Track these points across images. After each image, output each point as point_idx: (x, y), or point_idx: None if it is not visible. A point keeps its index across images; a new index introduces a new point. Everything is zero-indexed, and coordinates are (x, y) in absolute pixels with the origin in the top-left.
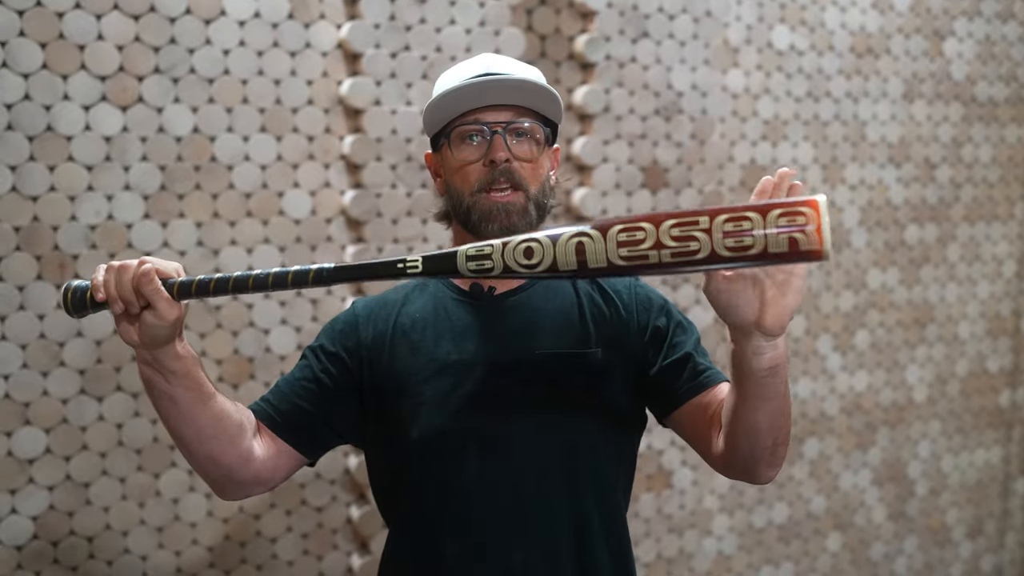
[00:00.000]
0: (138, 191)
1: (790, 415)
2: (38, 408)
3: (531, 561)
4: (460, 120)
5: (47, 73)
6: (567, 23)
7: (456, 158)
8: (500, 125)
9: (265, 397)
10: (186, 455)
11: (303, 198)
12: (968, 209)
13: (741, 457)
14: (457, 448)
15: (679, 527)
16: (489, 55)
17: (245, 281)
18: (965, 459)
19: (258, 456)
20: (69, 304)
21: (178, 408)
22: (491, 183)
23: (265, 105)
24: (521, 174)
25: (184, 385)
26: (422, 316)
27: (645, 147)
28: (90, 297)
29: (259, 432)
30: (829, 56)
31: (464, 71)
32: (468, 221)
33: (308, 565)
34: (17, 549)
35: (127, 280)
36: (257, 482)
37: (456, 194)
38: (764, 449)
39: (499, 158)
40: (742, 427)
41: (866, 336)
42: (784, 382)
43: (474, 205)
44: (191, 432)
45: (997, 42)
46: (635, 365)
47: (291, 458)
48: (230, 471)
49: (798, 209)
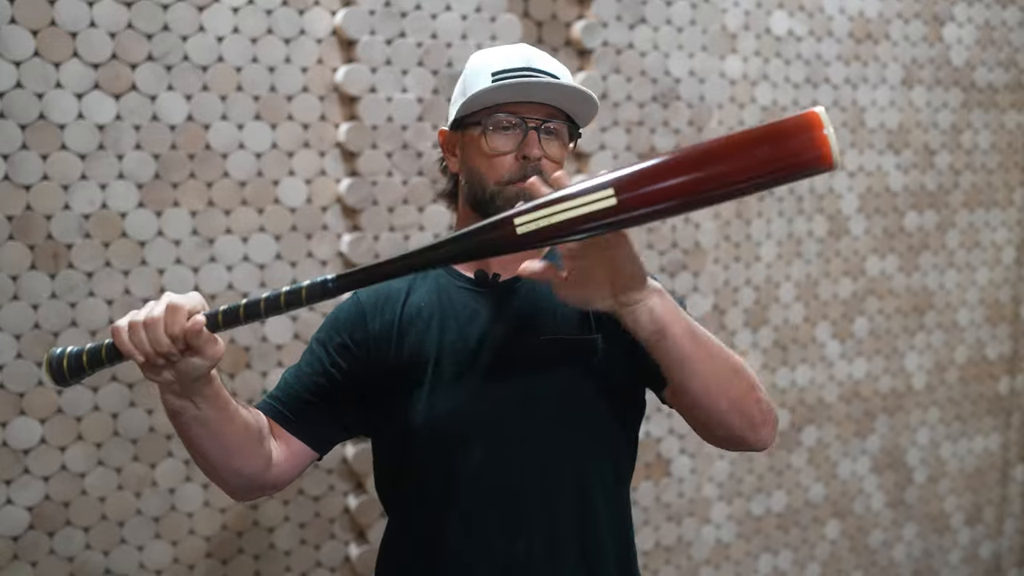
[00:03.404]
0: (132, 180)
1: (735, 372)
2: (33, 398)
3: (534, 551)
4: (498, 109)
5: (39, 61)
6: (564, 9)
7: (489, 146)
8: (536, 122)
9: (273, 394)
10: (208, 469)
11: (298, 186)
12: (967, 195)
13: (706, 426)
14: (461, 436)
15: (677, 515)
16: (528, 47)
17: (276, 300)
18: (964, 446)
19: (276, 459)
20: (65, 372)
21: (207, 429)
22: (521, 177)
23: (260, 93)
24: (548, 171)
25: (215, 406)
26: (427, 304)
27: (643, 134)
28: (102, 354)
29: (272, 432)
30: (828, 42)
31: (504, 60)
32: (491, 208)
33: (306, 554)
34: (13, 540)
35: (162, 335)
36: (275, 484)
37: (479, 180)
38: (722, 412)
39: (533, 154)
40: (685, 400)
41: (865, 323)
42: (687, 342)
43: (499, 194)
44: (218, 449)
45: (997, 27)
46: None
47: (304, 455)
48: (252, 478)
49: (799, 116)
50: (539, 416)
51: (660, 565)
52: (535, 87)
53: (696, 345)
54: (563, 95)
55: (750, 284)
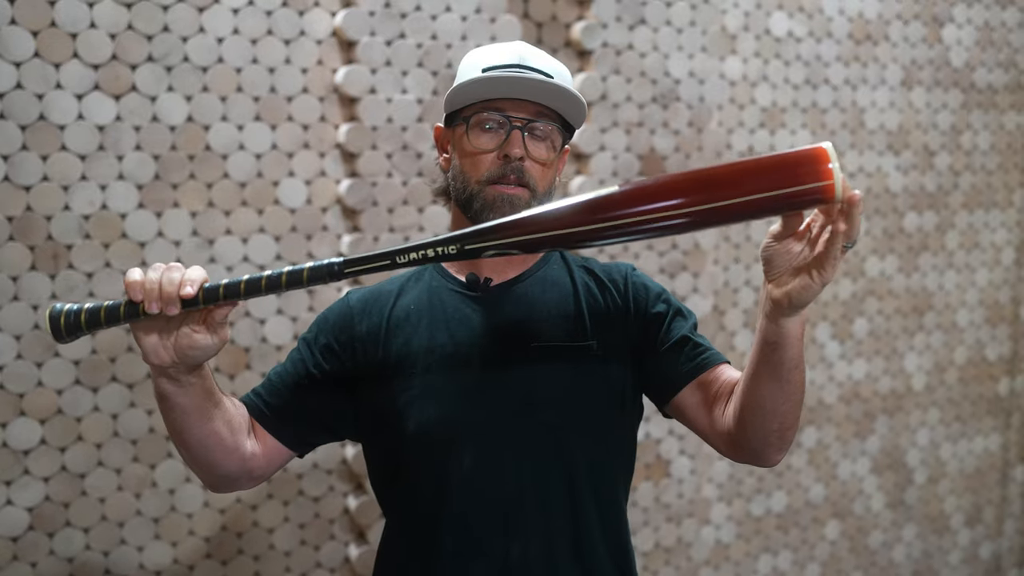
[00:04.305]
0: (132, 181)
1: (800, 402)
2: (33, 399)
3: (529, 555)
4: (483, 106)
5: (39, 61)
6: (563, 10)
7: (472, 144)
8: (520, 121)
9: (256, 390)
10: (186, 457)
11: (298, 187)
12: (967, 196)
13: (748, 437)
14: (452, 441)
15: (677, 516)
16: (523, 44)
17: (278, 279)
18: (964, 447)
19: (253, 453)
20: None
21: (190, 418)
22: (501, 177)
23: (259, 94)
24: (532, 173)
25: (202, 395)
26: (416, 307)
27: (642, 135)
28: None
29: (252, 428)
30: (827, 42)
31: (497, 56)
32: (469, 208)
33: (305, 555)
34: (12, 540)
35: (176, 276)
36: (250, 478)
37: (462, 179)
38: (771, 432)
39: (514, 154)
40: (751, 405)
41: (864, 324)
42: (795, 364)
43: (478, 194)
44: (198, 437)
45: (996, 28)
46: (633, 354)
47: (279, 452)
48: (228, 470)
49: (808, 150)
50: (532, 421)
51: (660, 566)
52: (519, 83)
53: (797, 371)
54: (551, 94)
55: (750, 285)
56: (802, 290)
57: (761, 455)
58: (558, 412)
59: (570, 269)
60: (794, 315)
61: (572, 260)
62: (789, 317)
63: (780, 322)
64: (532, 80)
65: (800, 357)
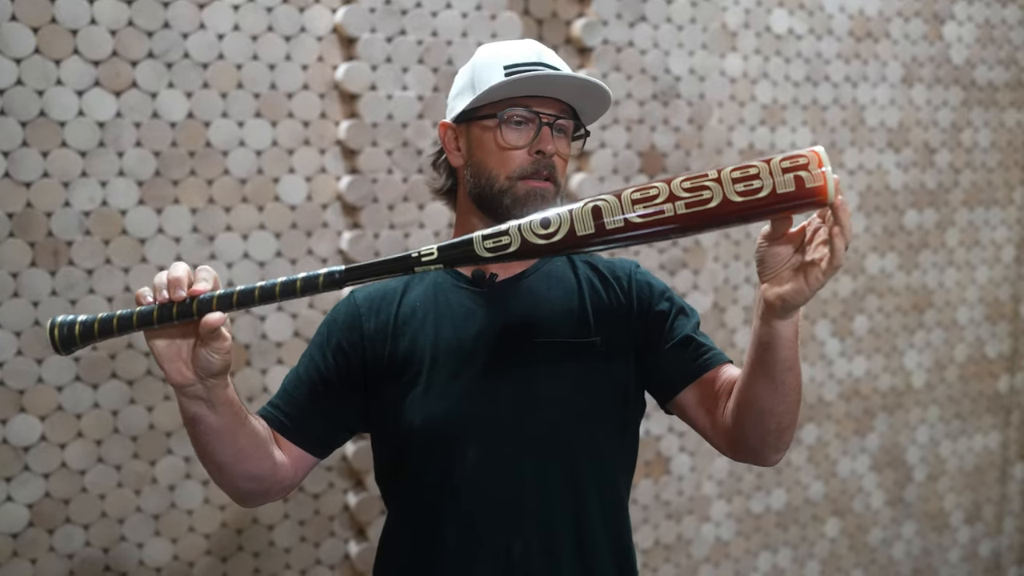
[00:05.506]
0: (132, 177)
1: (796, 403)
2: (33, 396)
3: (530, 551)
4: (513, 103)
5: (39, 58)
6: (564, 7)
7: (505, 140)
8: (550, 118)
9: (273, 402)
10: (219, 477)
11: (299, 184)
12: (967, 194)
13: (746, 436)
14: (456, 437)
15: (677, 513)
16: (534, 42)
17: (271, 289)
18: (963, 445)
19: (281, 463)
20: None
21: (221, 437)
22: (533, 172)
23: (260, 90)
24: (558, 167)
25: (230, 412)
26: (422, 303)
27: (643, 132)
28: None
29: (275, 439)
30: (828, 40)
31: (517, 54)
32: (499, 204)
33: (305, 552)
34: (12, 537)
35: (181, 271)
36: (281, 489)
37: (489, 175)
38: (768, 432)
39: (548, 150)
40: (746, 404)
41: (864, 321)
42: (788, 366)
43: (509, 189)
44: (231, 455)
45: (997, 26)
46: (636, 351)
47: (304, 460)
48: (262, 483)
49: (800, 153)
50: (535, 417)
51: (660, 563)
52: (555, 81)
53: (792, 372)
54: (576, 91)
55: (749, 282)
56: (794, 293)
57: (760, 454)
58: (561, 408)
59: (574, 265)
60: (787, 317)
61: (576, 256)
62: (782, 319)
63: (773, 323)
64: (566, 78)
65: (794, 359)
